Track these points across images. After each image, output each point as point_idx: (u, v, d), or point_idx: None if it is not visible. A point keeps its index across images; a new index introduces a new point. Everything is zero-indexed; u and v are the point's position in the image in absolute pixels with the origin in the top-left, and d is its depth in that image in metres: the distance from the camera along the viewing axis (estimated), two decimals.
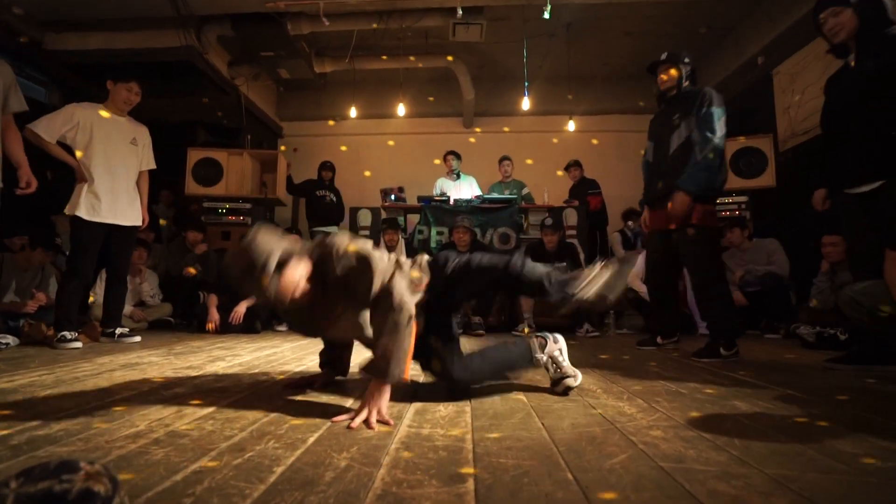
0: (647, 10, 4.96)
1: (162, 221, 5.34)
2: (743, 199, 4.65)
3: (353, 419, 1.12)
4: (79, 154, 2.75)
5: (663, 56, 2.56)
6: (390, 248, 4.13)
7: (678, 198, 2.31)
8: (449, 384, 1.41)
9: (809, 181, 2.39)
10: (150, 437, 1.00)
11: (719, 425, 1.10)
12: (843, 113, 1.98)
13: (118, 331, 2.95)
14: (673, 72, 2.50)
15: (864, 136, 1.86)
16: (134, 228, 2.98)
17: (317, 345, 1.67)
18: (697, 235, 2.32)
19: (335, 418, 1.15)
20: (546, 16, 4.36)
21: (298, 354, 2.41)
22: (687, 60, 2.52)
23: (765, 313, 3.65)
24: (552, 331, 1.59)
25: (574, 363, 1.54)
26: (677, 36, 5.28)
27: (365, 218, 4.89)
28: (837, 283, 3.16)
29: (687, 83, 2.51)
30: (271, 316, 3.91)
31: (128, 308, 3.55)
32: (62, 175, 2.78)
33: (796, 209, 2.08)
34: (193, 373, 1.83)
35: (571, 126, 6.00)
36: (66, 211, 2.74)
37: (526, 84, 5.45)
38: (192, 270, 3.74)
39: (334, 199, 5.50)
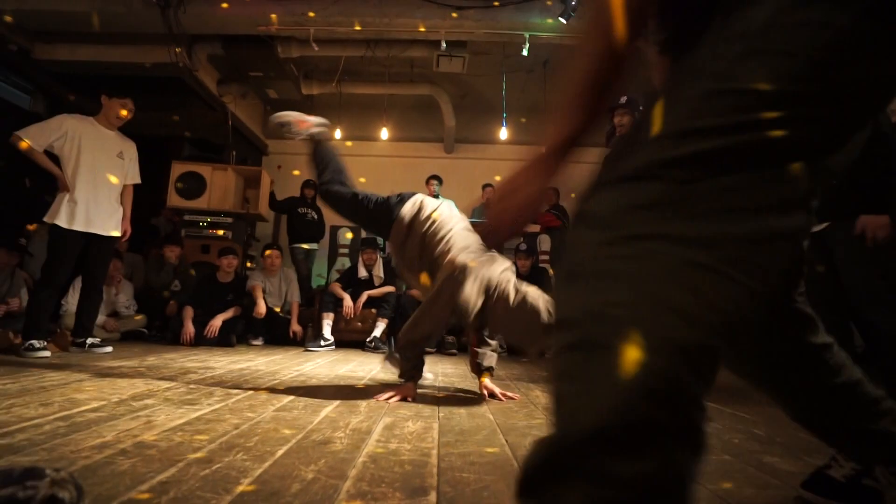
0: None
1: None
2: None
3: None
4: (64, 165, 2.71)
5: (623, 100, 2.67)
6: (368, 267, 4.13)
7: None
8: None
9: None
10: (117, 447, 0.98)
11: None
12: None
13: (89, 341, 2.85)
14: (629, 118, 2.61)
15: None
16: (113, 239, 2.91)
17: (291, 359, 1.66)
18: None
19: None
20: (524, 53, 4.54)
21: (273, 369, 2.36)
22: (642, 108, 2.63)
23: None
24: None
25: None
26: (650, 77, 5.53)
27: (345, 237, 4.88)
28: None
29: None
30: (246, 330, 3.84)
31: (101, 318, 3.43)
32: (43, 184, 2.71)
33: None
34: (165, 384, 1.78)
35: None
36: (46, 219, 2.67)
37: (504, 115, 5.60)
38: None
39: (315, 216, 5.47)
